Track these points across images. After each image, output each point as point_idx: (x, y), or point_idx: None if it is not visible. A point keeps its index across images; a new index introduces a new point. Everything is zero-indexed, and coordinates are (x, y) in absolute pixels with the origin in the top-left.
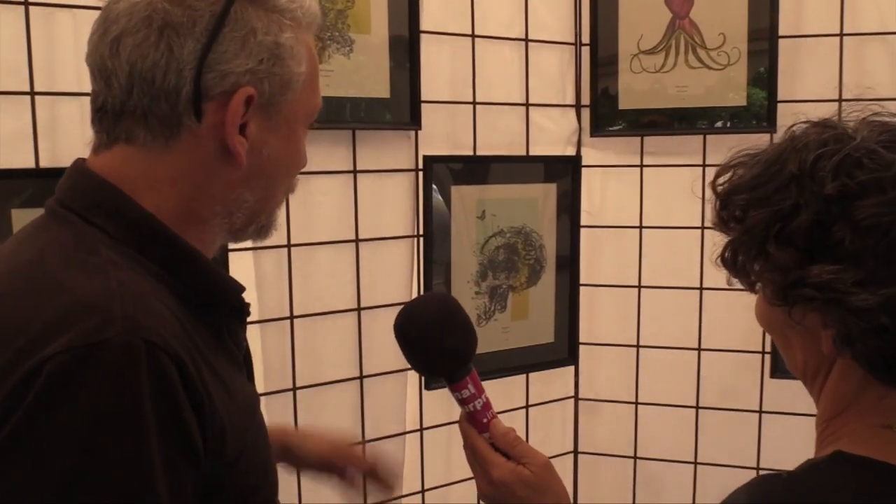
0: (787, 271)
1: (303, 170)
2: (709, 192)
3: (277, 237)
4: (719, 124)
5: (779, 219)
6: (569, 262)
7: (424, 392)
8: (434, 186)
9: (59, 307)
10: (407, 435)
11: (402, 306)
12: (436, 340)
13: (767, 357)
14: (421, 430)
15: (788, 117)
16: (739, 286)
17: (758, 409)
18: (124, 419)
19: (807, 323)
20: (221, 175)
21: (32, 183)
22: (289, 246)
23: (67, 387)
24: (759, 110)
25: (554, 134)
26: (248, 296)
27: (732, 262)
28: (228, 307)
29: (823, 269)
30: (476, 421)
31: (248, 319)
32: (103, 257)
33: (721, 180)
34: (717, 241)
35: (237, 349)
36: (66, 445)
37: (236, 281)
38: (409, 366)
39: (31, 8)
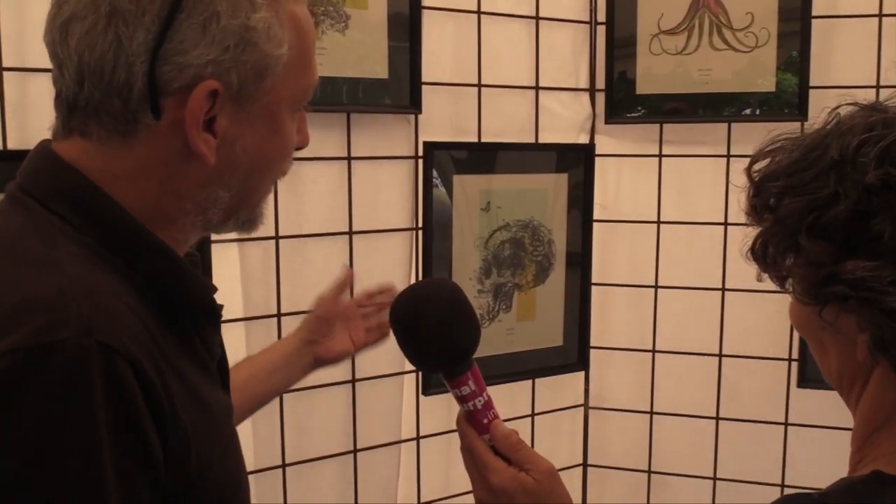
0: (819, 266)
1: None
2: (743, 179)
3: (265, 228)
4: (746, 112)
5: (814, 208)
6: (580, 260)
7: (422, 397)
8: (435, 175)
9: (6, 304)
10: (402, 444)
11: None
12: (440, 330)
13: (795, 365)
14: (417, 438)
15: (821, 105)
16: (765, 287)
17: (784, 420)
18: (74, 429)
19: (840, 325)
20: (189, 173)
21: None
22: (277, 238)
23: (12, 392)
24: (790, 97)
25: (566, 120)
26: (233, 291)
27: (762, 255)
28: (198, 309)
29: (859, 265)
30: (476, 421)
31: (233, 317)
32: (61, 249)
33: (758, 166)
34: (748, 233)
35: (209, 356)
36: (8, 456)
37: (208, 280)
38: (408, 366)
39: None
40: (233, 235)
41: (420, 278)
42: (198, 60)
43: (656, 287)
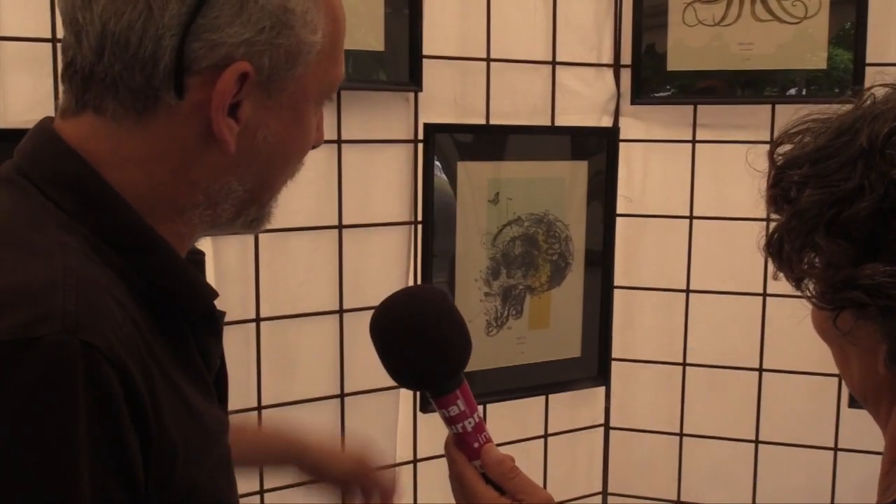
0: (836, 268)
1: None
2: (766, 163)
3: None
4: (792, 92)
5: (835, 202)
6: (601, 259)
7: (420, 415)
8: (437, 162)
9: None
10: (398, 468)
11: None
12: (425, 342)
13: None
14: (415, 461)
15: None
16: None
17: (832, 445)
18: (49, 434)
19: (858, 334)
20: (205, 160)
21: None
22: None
23: None
24: (843, 75)
25: (586, 100)
26: None
27: (778, 251)
28: (196, 314)
29: (878, 269)
30: (465, 445)
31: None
32: (52, 238)
33: (781, 149)
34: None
35: (206, 365)
36: None
37: (209, 285)
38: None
39: None
40: None
41: (419, 279)
42: (231, 39)
43: (688, 291)
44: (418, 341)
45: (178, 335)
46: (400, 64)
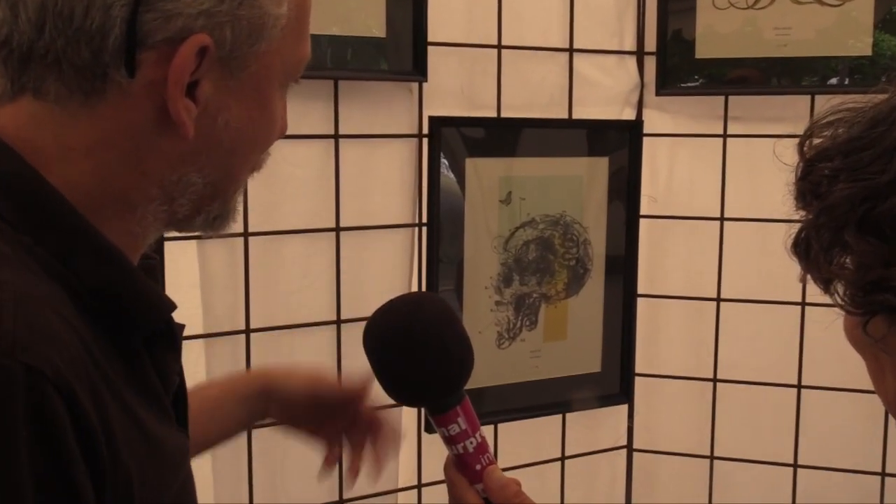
0: (867, 269)
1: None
2: (795, 156)
3: None
4: (833, 81)
5: (868, 197)
6: (623, 265)
7: (425, 435)
8: (443, 159)
9: None
10: (400, 493)
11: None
12: (423, 354)
13: None
14: (419, 486)
15: None
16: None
17: (879, 469)
18: None
19: (891, 341)
20: (160, 148)
21: None
22: (245, 235)
23: None
24: (889, 62)
25: (607, 90)
26: (190, 301)
27: (805, 251)
28: (150, 330)
29: None
30: (466, 467)
31: (190, 333)
32: None
33: (812, 141)
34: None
35: (164, 384)
36: None
37: (165, 296)
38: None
39: None
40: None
41: (423, 286)
42: (189, 10)
43: (718, 300)
44: (416, 354)
45: (132, 354)
46: (403, 52)
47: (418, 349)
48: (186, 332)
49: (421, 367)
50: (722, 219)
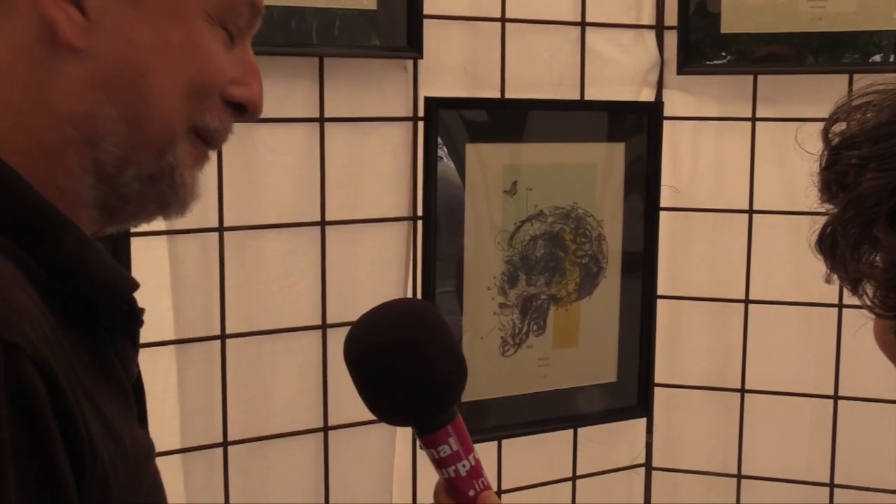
0: None
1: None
2: (819, 144)
3: (203, 216)
4: (876, 58)
5: None
6: (641, 263)
7: (420, 453)
8: (441, 145)
9: None
10: None
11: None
12: (408, 368)
13: None
14: None
15: None
16: None
17: None
18: None
19: None
20: (58, 71)
21: None
22: (220, 230)
23: None
24: None
25: (623, 69)
26: (159, 303)
27: (831, 248)
28: (111, 311)
29: None
30: (459, 493)
31: (159, 339)
32: None
33: (838, 127)
34: None
35: (127, 376)
36: None
37: (124, 271)
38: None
39: None
40: (159, 225)
41: (419, 287)
42: None
43: (747, 301)
44: (401, 369)
45: (95, 341)
46: (396, 25)
47: (404, 364)
48: (156, 338)
49: (407, 383)
50: (751, 211)
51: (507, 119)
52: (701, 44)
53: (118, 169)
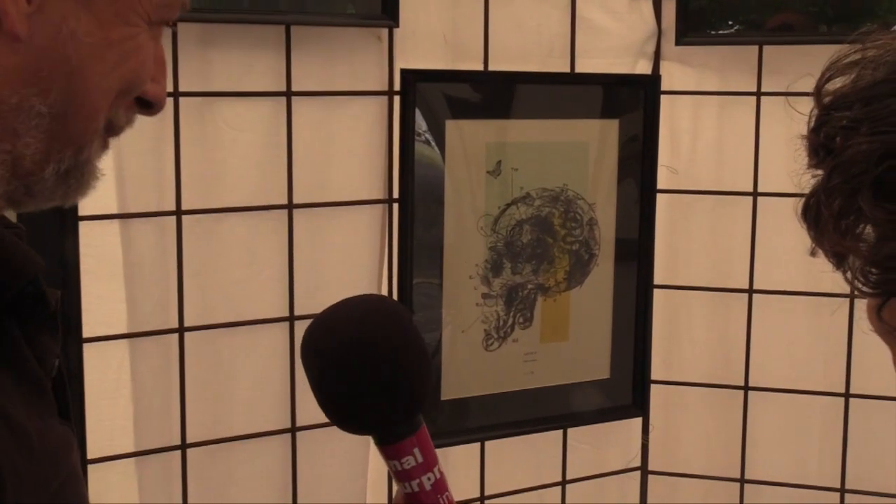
0: (883, 241)
1: (202, 89)
2: (809, 104)
3: (160, 199)
4: None
5: (888, 154)
6: (636, 250)
7: None
8: (419, 121)
9: None
10: None
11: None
12: (366, 371)
13: None
14: None
15: None
16: None
17: None
18: None
19: None
20: None
21: None
22: (178, 213)
23: None
24: None
25: (618, 39)
26: (111, 293)
27: (814, 219)
28: (17, 295)
29: None
30: None
31: (110, 332)
32: None
33: (831, 85)
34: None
35: (39, 365)
36: None
37: (33, 253)
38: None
39: None
40: (111, 207)
41: (394, 275)
42: None
43: (751, 291)
44: (360, 373)
45: None
46: None
47: (367, 368)
48: (107, 332)
49: (370, 390)
50: (755, 194)
51: (490, 93)
52: (702, 11)
53: (37, 166)
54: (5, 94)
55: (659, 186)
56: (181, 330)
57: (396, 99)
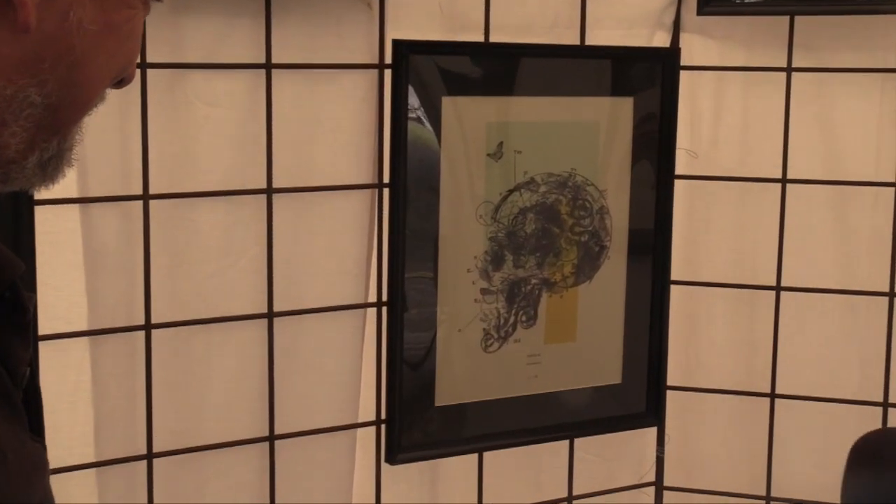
0: None
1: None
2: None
3: (125, 182)
4: None
5: None
6: (652, 242)
7: (386, 466)
8: (412, 97)
9: None
10: None
11: (349, 310)
12: None
13: None
14: None
15: None
16: None
17: None
18: None
19: None
20: None
21: None
22: (145, 198)
23: None
24: None
25: (633, 8)
26: (70, 286)
27: None
28: None
29: None
30: None
31: (70, 328)
32: None
33: None
34: None
35: (12, 378)
36: None
37: (9, 253)
38: (364, 415)
39: None
40: (70, 191)
41: (384, 268)
42: None
43: (778, 288)
44: None
45: None
46: None
47: None
48: (65, 329)
49: None
50: (784, 180)
51: (491, 68)
52: None
53: (20, 155)
54: (2, 84)
55: (677, 172)
56: (148, 327)
57: (388, 73)
